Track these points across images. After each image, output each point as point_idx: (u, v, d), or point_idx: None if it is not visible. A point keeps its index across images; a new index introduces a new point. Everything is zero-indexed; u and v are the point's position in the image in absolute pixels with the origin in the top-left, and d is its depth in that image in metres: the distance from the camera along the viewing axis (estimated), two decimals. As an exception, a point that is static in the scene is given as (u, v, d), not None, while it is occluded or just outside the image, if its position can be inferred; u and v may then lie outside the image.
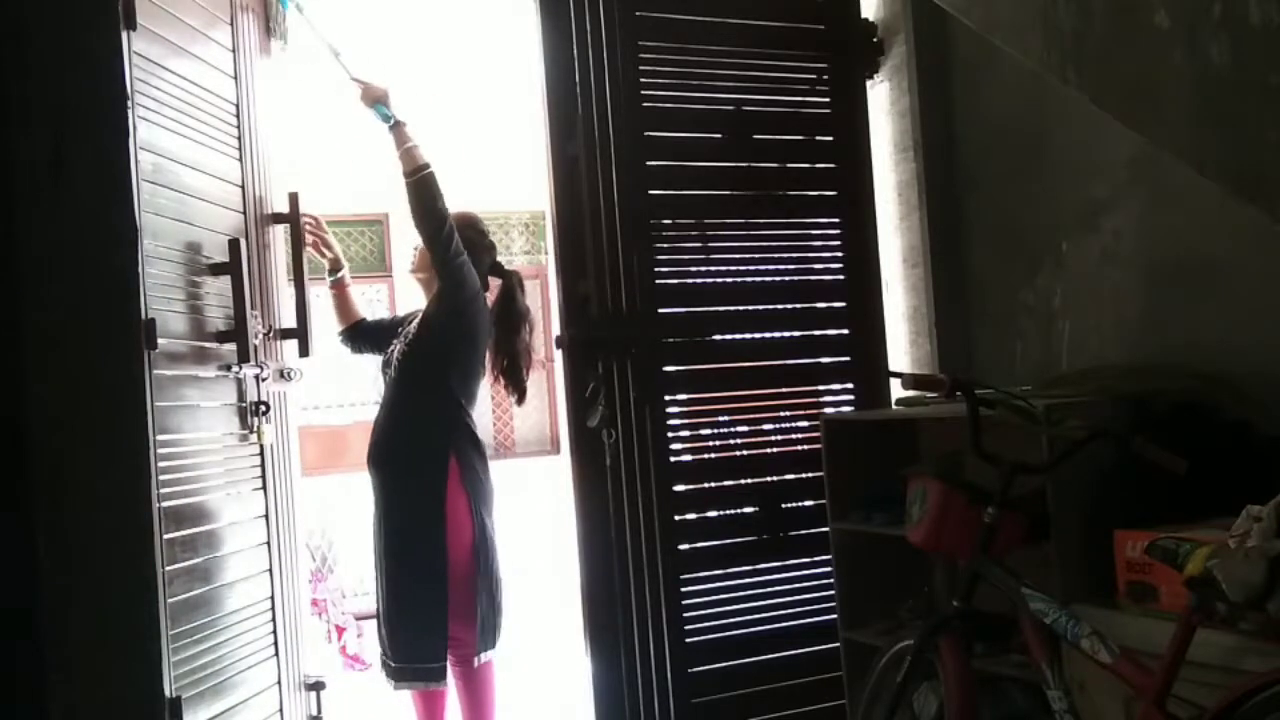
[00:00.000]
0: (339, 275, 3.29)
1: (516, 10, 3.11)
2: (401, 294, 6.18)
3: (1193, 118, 1.80)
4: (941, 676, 2.14)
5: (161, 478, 2.31)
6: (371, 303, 6.07)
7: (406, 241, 5.90)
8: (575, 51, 2.96)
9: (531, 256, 6.68)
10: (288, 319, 3.08)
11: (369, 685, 4.32)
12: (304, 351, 3.06)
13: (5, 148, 2.22)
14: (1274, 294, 2.30)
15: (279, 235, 3.17)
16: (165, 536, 2.31)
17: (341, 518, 5.83)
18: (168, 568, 2.32)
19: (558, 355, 3.12)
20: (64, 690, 2.22)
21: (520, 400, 3.22)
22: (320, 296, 3.23)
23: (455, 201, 3.01)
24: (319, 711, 3.06)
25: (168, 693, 2.27)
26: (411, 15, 5.13)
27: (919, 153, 3.26)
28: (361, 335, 3.26)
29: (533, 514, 5.87)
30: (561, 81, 2.96)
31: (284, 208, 3.12)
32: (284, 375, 3.00)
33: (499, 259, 3.34)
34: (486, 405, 6.59)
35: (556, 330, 3.02)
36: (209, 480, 2.61)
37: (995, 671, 2.39)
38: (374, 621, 3.06)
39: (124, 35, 2.32)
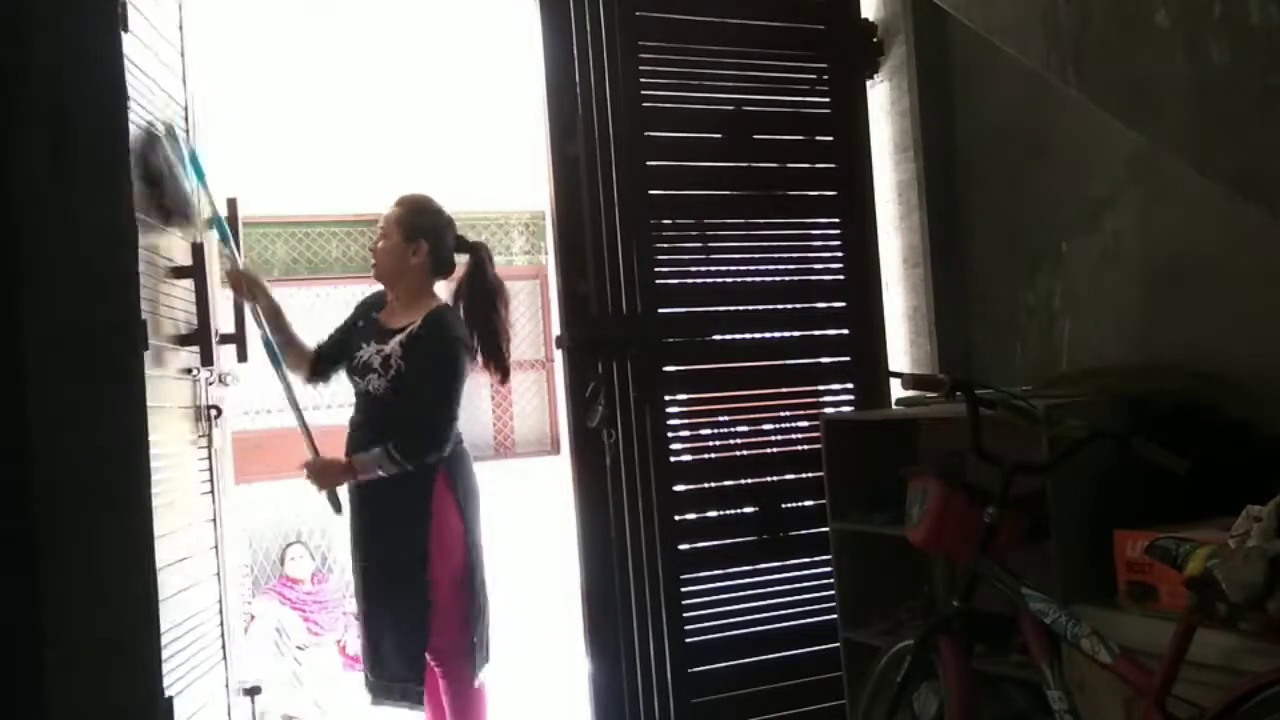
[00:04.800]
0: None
1: (516, 10, 3.11)
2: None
3: (1193, 118, 1.80)
4: (941, 676, 2.14)
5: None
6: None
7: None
8: (575, 51, 2.96)
9: (531, 256, 6.68)
10: (223, 324, 3.05)
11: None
12: (242, 357, 3.02)
13: (5, 148, 2.22)
14: (1274, 294, 2.30)
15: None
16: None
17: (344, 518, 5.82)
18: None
19: (558, 355, 3.12)
20: (64, 690, 2.22)
21: (504, 380, 3.03)
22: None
23: (456, 202, 2.99)
24: (254, 717, 3.05)
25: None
26: (412, 15, 5.14)
27: (919, 153, 3.26)
28: (326, 363, 2.98)
29: (532, 514, 5.86)
30: (561, 81, 2.96)
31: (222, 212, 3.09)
32: (222, 380, 3.01)
33: (498, 257, 3.26)
34: (486, 405, 6.59)
35: (556, 330, 3.02)
36: (175, 483, 2.61)
37: (995, 671, 2.39)
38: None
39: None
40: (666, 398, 3.04)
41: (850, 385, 3.29)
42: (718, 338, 3.17)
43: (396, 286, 2.89)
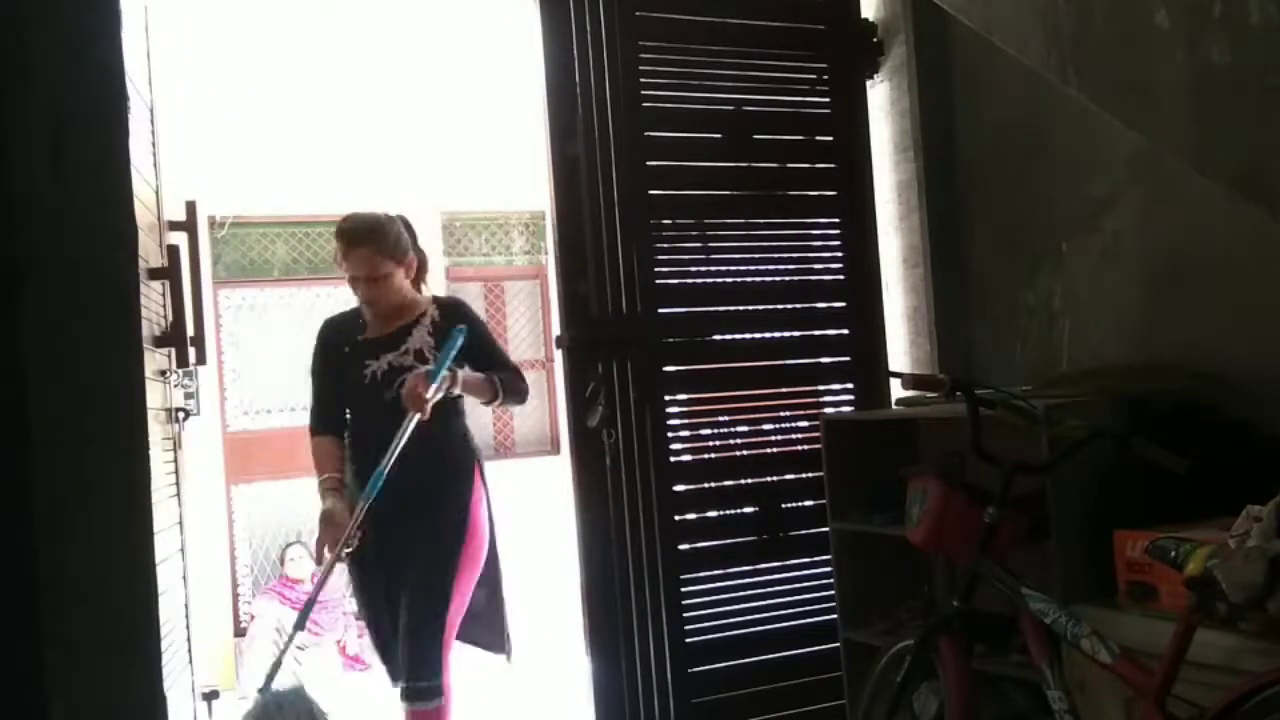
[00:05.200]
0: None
1: (516, 10, 3.11)
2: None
3: (1193, 118, 1.80)
4: (941, 676, 2.14)
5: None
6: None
7: (406, 241, 5.88)
8: (575, 51, 2.96)
9: (531, 256, 6.67)
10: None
11: (369, 686, 4.32)
12: (200, 359, 3.02)
13: (5, 148, 2.23)
14: (1274, 294, 2.30)
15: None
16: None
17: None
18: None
19: (558, 355, 3.12)
20: (65, 690, 2.22)
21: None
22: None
23: (456, 202, 2.99)
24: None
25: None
26: (412, 16, 5.14)
27: (919, 153, 3.26)
28: (339, 416, 2.85)
29: (533, 514, 5.87)
30: (561, 81, 2.96)
31: (179, 215, 3.09)
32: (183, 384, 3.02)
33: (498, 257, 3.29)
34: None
35: (556, 330, 3.02)
36: (155, 486, 2.61)
37: (995, 671, 2.40)
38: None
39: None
40: (666, 398, 3.04)
41: (850, 385, 3.29)
42: (718, 338, 3.17)
43: (394, 302, 2.83)
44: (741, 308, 3.18)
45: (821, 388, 3.29)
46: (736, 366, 3.18)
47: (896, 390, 3.07)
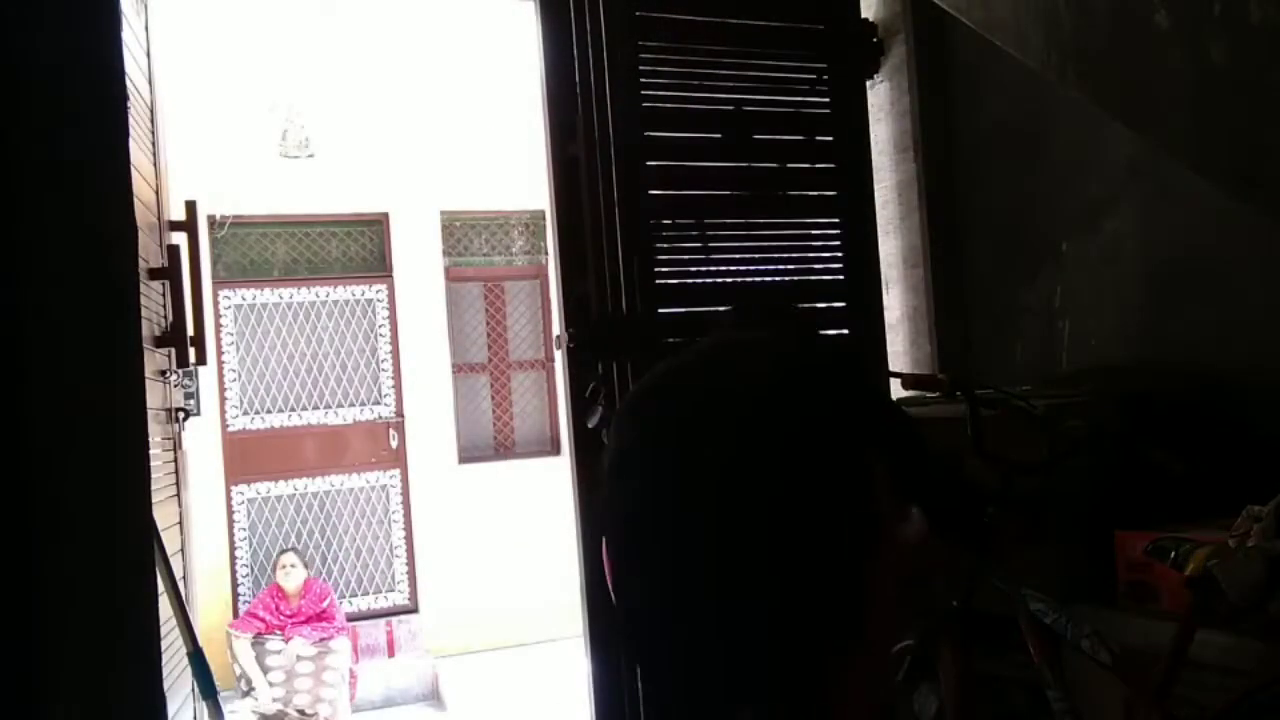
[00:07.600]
0: None
1: (516, 10, 3.11)
2: (401, 295, 6.19)
3: (1193, 118, 1.80)
4: (941, 676, 2.15)
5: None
6: (371, 303, 6.08)
7: (406, 241, 5.90)
8: (575, 51, 2.96)
9: (531, 256, 6.67)
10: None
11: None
12: (201, 359, 3.00)
13: (4, 147, 2.22)
14: (1274, 294, 2.30)
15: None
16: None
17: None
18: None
19: (558, 355, 3.12)
20: (65, 691, 2.21)
21: None
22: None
23: (456, 201, 2.99)
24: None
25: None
26: (413, 16, 5.15)
27: (919, 153, 3.26)
28: None
29: (533, 514, 5.88)
30: (561, 81, 2.95)
31: (179, 215, 3.08)
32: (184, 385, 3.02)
33: (498, 257, 3.18)
34: (486, 405, 6.59)
35: (556, 330, 3.02)
36: (155, 487, 2.60)
37: (995, 671, 2.39)
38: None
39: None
40: (666, 398, 3.03)
41: (850, 385, 3.29)
42: (718, 338, 3.16)
43: None
44: (741, 308, 3.18)
45: (821, 388, 3.29)
46: (736, 366, 3.17)
47: (896, 390, 3.07)
